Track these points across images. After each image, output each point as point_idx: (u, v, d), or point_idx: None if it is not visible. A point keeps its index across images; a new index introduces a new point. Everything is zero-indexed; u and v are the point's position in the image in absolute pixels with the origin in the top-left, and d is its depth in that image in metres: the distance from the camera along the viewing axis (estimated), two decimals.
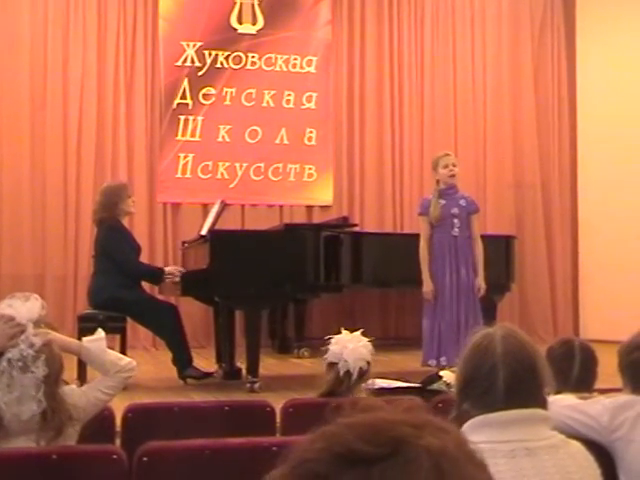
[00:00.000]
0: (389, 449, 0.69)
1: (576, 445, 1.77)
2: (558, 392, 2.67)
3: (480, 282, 5.59)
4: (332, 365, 3.03)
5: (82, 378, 4.96)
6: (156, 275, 6.14)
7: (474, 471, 0.72)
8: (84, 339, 2.58)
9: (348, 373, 2.98)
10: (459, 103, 9.57)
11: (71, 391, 2.47)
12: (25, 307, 2.41)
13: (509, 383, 1.75)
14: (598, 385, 2.84)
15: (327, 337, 3.09)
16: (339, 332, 3.10)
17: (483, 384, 1.76)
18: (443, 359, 5.39)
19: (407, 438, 0.70)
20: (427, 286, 5.52)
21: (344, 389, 2.97)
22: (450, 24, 9.62)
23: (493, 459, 1.66)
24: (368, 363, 3.02)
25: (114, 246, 5.94)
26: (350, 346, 3.00)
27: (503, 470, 1.65)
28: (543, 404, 1.79)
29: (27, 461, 2.19)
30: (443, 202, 5.58)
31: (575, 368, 2.75)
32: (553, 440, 1.74)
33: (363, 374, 3.01)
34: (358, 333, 3.09)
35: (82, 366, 4.95)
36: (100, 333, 2.60)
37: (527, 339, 1.84)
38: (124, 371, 2.55)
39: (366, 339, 3.06)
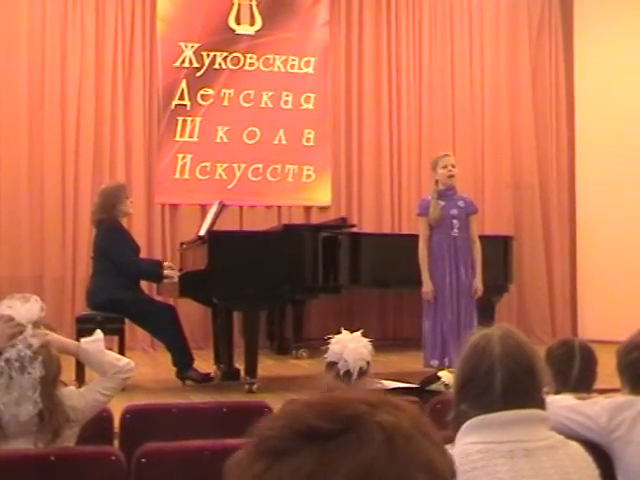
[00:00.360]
0: (343, 425, 0.73)
1: (575, 446, 1.77)
2: (558, 392, 2.67)
3: (477, 284, 5.59)
4: (332, 364, 3.03)
5: (80, 379, 4.96)
6: (156, 272, 6.12)
7: (427, 446, 0.76)
8: (82, 340, 2.57)
9: (348, 373, 2.98)
10: (457, 104, 9.58)
11: (70, 393, 2.47)
12: (24, 308, 2.41)
13: (507, 383, 1.74)
14: (597, 385, 2.84)
15: (327, 337, 3.09)
16: (339, 332, 3.11)
17: (481, 384, 1.76)
18: (446, 360, 5.38)
19: (362, 415, 0.74)
20: (427, 286, 5.52)
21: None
22: (448, 25, 9.62)
23: (492, 459, 1.66)
24: (368, 363, 3.02)
25: (113, 247, 5.93)
26: (351, 346, 3.00)
27: (502, 471, 1.65)
28: (541, 405, 1.79)
29: (25, 462, 2.18)
30: (442, 203, 5.58)
31: (575, 368, 2.75)
32: (551, 441, 1.74)
33: (363, 374, 3.00)
34: (358, 333, 3.10)
35: (80, 367, 4.95)
36: (98, 334, 2.59)
37: (525, 339, 1.84)
38: (122, 372, 2.54)
39: (366, 339, 3.06)
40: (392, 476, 0.72)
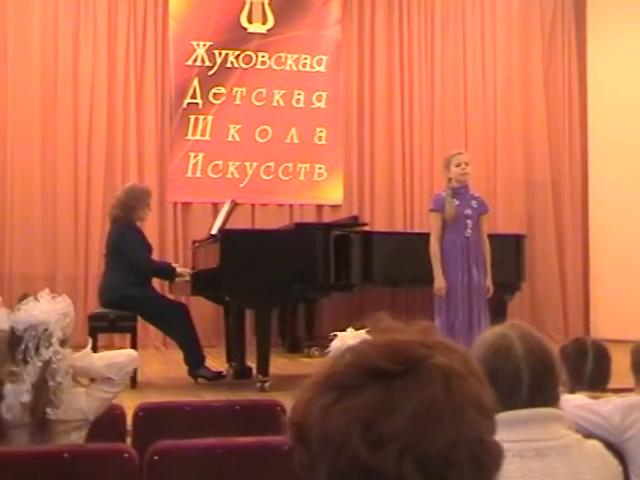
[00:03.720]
0: (405, 366, 0.84)
1: (592, 445, 1.74)
2: (572, 391, 2.65)
3: (488, 283, 5.57)
4: None
5: None
6: (168, 273, 6.17)
7: (476, 385, 0.87)
8: (72, 357, 2.50)
9: None
10: (469, 102, 9.56)
11: (80, 394, 2.47)
12: (36, 309, 2.41)
13: (533, 384, 1.73)
14: (610, 385, 2.83)
15: (331, 334, 3.12)
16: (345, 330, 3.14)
17: (506, 386, 1.73)
18: None
19: (421, 357, 0.85)
20: (439, 282, 5.47)
21: None
22: (460, 22, 9.60)
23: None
24: None
25: (127, 244, 5.95)
26: (351, 341, 3.03)
27: (512, 469, 1.64)
28: (557, 401, 1.78)
29: (39, 459, 2.19)
30: (457, 202, 5.56)
31: (588, 366, 2.73)
32: (566, 440, 1.71)
33: None
34: (363, 331, 3.12)
35: None
36: (87, 347, 2.59)
37: (541, 337, 1.83)
38: (122, 368, 2.54)
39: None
40: (448, 413, 0.82)
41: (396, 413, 0.81)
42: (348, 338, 3.07)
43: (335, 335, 3.11)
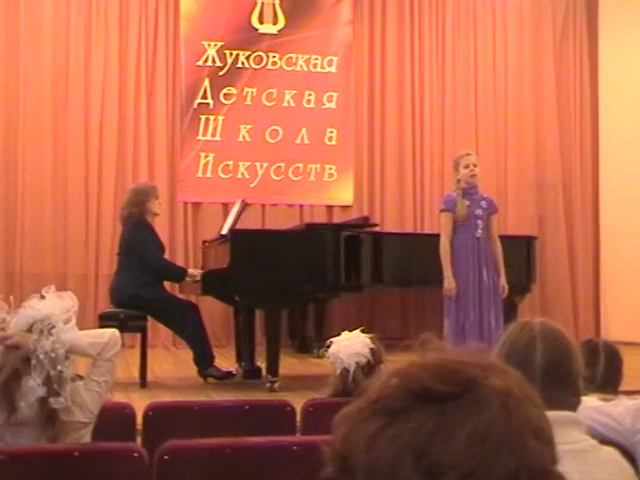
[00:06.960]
0: (461, 388, 0.75)
1: (608, 451, 1.72)
2: (584, 393, 2.64)
3: (503, 282, 5.56)
4: (333, 365, 3.08)
5: None
6: (179, 274, 6.18)
7: (533, 409, 0.79)
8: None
9: (345, 370, 3.01)
10: (480, 103, 9.54)
11: (80, 389, 2.47)
12: (41, 304, 2.42)
13: (547, 357, 1.77)
14: (621, 387, 2.81)
15: (328, 341, 3.15)
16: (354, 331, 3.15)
17: (520, 356, 1.75)
18: None
19: (476, 379, 0.77)
20: (450, 283, 5.44)
21: (351, 386, 2.97)
22: (471, 23, 9.59)
23: None
24: (373, 356, 3.04)
25: (140, 242, 5.96)
26: (344, 343, 3.05)
27: None
28: (577, 394, 1.79)
29: (49, 458, 2.20)
30: (467, 202, 5.55)
31: (600, 366, 2.72)
32: (582, 445, 1.69)
33: (364, 368, 3.01)
34: (357, 331, 3.13)
35: None
36: (73, 321, 2.58)
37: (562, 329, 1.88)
38: (108, 349, 2.53)
39: (364, 335, 3.09)
40: (508, 439, 0.74)
41: (452, 439, 0.73)
42: (341, 341, 3.09)
43: (331, 343, 3.13)
